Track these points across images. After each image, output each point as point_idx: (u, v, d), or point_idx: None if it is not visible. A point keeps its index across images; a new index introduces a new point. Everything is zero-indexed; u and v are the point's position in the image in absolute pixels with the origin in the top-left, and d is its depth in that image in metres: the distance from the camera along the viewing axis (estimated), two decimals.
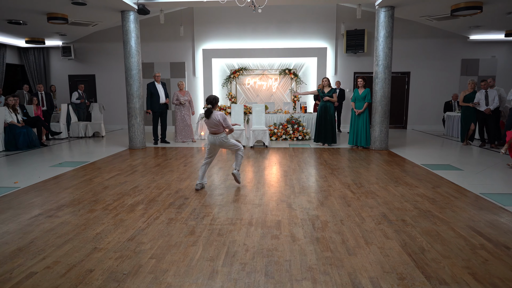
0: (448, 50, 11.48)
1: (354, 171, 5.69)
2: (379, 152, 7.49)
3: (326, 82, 8.13)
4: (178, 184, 4.92)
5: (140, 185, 4.88)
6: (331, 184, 4.86)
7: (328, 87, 8.13)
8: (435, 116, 11.71)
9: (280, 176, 5.32)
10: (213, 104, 4.50)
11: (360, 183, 4.91)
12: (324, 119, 8.12)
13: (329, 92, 8.07)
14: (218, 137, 4.53)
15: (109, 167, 6.06)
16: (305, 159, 6.70)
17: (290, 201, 4.13)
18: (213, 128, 4.51)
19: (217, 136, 4.53)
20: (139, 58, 7.84)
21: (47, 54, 12.25)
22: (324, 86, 8.16)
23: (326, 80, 8.13)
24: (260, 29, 11.55)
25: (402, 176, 5.29)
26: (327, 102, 8.09)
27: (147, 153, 7.44)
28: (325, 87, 8.17)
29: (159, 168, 5.96)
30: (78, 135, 10.02)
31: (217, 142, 4.55)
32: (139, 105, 7.96)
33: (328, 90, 8.09)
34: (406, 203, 4.04)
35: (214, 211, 3.79)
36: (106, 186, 4.83)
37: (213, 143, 4.58)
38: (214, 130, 4.52)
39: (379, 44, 7.42)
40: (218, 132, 4.52)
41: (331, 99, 8.05)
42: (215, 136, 4.53)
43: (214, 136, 4.53)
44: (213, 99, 4.50)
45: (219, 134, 4.52)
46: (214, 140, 4.55)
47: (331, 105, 8.14)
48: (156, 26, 11.66)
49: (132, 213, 3.74)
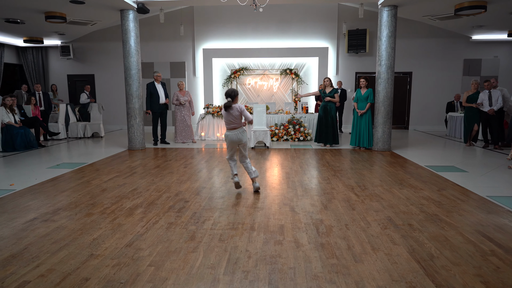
0: (450, 50, 11.38)
1: (357, 173, 5.59)
2: (382, 153, 7.39)
3: (328, 82, 8.03)
4: (178, 186, 4.81)
5: (139, 187, 4.77)
6: (334, 187, 4.75)
7: (330, 87, 8.03)
8: (437, 117, 11.61)
9: (282, 178, 5.22)
10: (232, 98, 4.27)
11: (364, 186, 4.81)
12: (325, 119, 8.01)
13: (331, 92, 7.97)
14: (238, 131, 4.33)
15: (107, 168, 5.96)
16: (307, 160, 6.59)
17: (293, 204, 4.02)
18: (232, 123, 4.32)
19: (237, 131, 4.33)
20: (138, 57, 7.73)
21: (45, 54, 12.14)
22: (326, 86, 8.06)
23: (328, 80, 8.03)
24: (261, 28, 11.45)
25: (406, 178, 5.19)
26: (328, 102, 7.99)
27: (146, 154, 7.34)
28: (326, 87, 8.06)
29: (158, 169, 5.86)
30: (76, 136, 9.91)
31: (236, 138, 4.33)
32: (139, 105, 7.86)
33: (329, 91, 7.99)
34: (411, 206, 3.94)
35: (215, 215, 3.69)
36: (104, 188, 4.72)
37: (232, 141, 4.36)
38: (233, 125, 4.33)
39: (382, 43, 7.32)
40: (238, 126, 4.34)
41: (333, 100, 7.95)
42: (235, 131, 4.33)
43: (234, 132, 4.33)
44: (232, 92, 4.27)
45: (239, 129, 4.35)
46: (233, 136, 4.33)
47: (333, 105, 8.04)
48: (156, 25, 11.55)
49: (130, 217, 3.64)
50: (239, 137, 4.36)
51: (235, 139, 4.36)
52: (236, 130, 4.35)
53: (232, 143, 4.40)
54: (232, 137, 4.36)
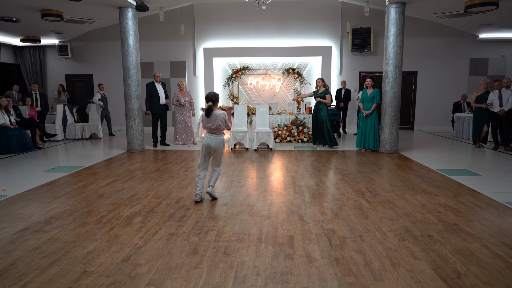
0: (457, 49, 11.14)
1: (366, 176, 5.34)
2: (389, 155, 7.14)
3: (320, 83, 7.90)
4: (178, 192, 4.57)
5: (137, 193, 4.53)
6: (343, 192, 4.51)
7: (322, 88, 7.88)
8: (443, 117, 11.36)
9: (288, 183, 4.97)
10: (213, 102, 4.04)
11: (374, 191, 4.56)
12: (316, 120, 7.92)
13: (322, 93, 7.81)
14: (217, 137, 4.06)
15: (105, 172, 5.71)
16: (313, 163, 6.35)
17: (301, 212, 3.78)
18: (213, 128, 4.05)
19: (216, 137, 4.05)
20: (137, 56, 7.49)
21: (43, 53, 11.89)
22: (319, 87, 7.89)
23: (320, 81, 7.91)
24: (263, 27, 11.20)
25: (418, 183, 4.94)
26: (319, 103, 7.84)
27: (146, 157, 7.09)
28: (320, 88, 7.91)
29: (158, 173, 5.61)
30: (74, 137, 9.67)
31: (214, 143, 4.03)
32: (138, 106, 7.61)
33: (321, 91, 7.85)
34: (428, 214, 3.69)
35: (219, 224, 3.44)
36: (101, 194, 4.48)
37: (208, 144, 4.05)
38: (214, 130, 4.06)
39: (389, 42, 7.07)
40: (219, 133, 4.09)
41: (323, 100, 7.80)
42: (214, 136, 4.06)
43: (213, 137, 4.05)
44: (213, 96, 4.03)
45: (219, 135, 4.09)
46: (211, 140, 4.04)
47: (324, 106, 7.88)
48: (155, 24, 11.31)
49: (128, 226, 3.39)
50: (218, 143, 4.06)
51: (212, 144, 4.04)
52: (216, 136, 4.07)
53: (208, 148, 4.08)
54: (210, 141, 4.04)
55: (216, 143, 4.05)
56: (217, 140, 4.06)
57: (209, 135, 4.07)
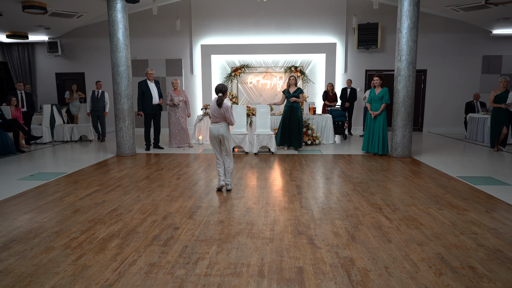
0: (468, 46, 10.53)
1: (380, 186, 4.74)
2: (402, 160, 6.54)
3: (293, 81, 7.42)
4: (167, 205, 3.97)
5: (120, 207, 3.93)
6: (357, 206, 3.91)
7: (295, 87, 7.44)
8: (454, 118, 10.77)
9: (293, 194, 4.37)
10: (223, 93, 4.27)
11: (393, 204, 3.96)
12: (289, 120, 7.40)
13: (295, 92, 7.35)
14: (222, 124, 4.30)
15: (87, 180, 5.11)
16: (319, 170, 5.75)
17: (310, 232, 3.18)
18: (218, 117, 4.30)
19: (221, 125, 4.30)
20: (127, 52, 6.89)
21: (32, 50, 11.30)
22: (290, 86, 7.45)
23: (293, 79, 7.42)
24: (264, 22, 10.60)
25: (441, 194, 4.34)
26: (293, 103, 7.36)
27: (136, 162, 6.49)
28: (291, 86, 7.45)
29: (147, 182, 5.01)
30: (63, 139, 9.07)
31: (220, 131, 4.29)
32: (128, 106, 7.01)
33: (294, 90, 7.37)
34: (462, 236, 3.09)
35: (212, 250, 2.84)
36: (77, 208, 3.88)
37: (214, 134, 4.32)
38: (218, 119, 4.31)
39: (402, 36, 6.47)
40: (221, 120, 4.32)
41: (298, 100, 7.32)
42: (219, 125, 4.30)
43: (218, 125, 4.30)
44: (222, 87, 4.27)
45: (222, 123, 4.32)
46: (217, 129, 4.29)
47: (299, 105, 7.41)
48: (150, 19, 10.71)
49: (101, 253, 2.79)
50: (222, 131, 4.30)
51: (216, 133, 4.31)
52: (219, 125, 4.31)
53: (213, 137, 4.36)
54: (214, 131, 4.31)
55: (223, 129, 4.29)
56: (223, 126, 4.29)
57: (214, 125, 4.31)
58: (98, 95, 8.80)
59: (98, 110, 8.81)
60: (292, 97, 7.33)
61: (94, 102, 8.77)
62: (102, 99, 8.83)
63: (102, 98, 8.83)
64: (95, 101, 8.77)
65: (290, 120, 7.39)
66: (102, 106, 8.83)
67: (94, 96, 8.78)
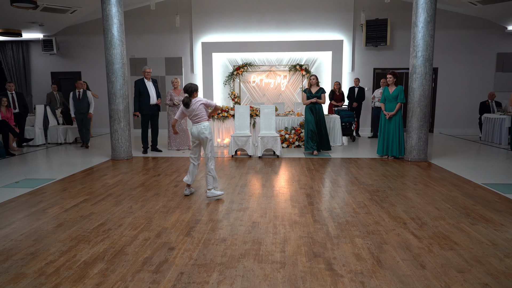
0: (482, 43, 10.04)
1: (399, 195, 4.28)
2: (418, 164, 6.07)
3: (314, 80, 6.89)
4: (162, 219, 3.51)
5: (109, 220, 3.47)
6: (378, 220, 3.44)
7: (316, 86, 6.91)
8: (466, 118, 10.28)
9: (304, 205, 3.91)
10: (189, 93, 4.03)
11: (418, 218, 3.49)
12: (316, 122, 6.89)
13: (318, 92, 6.84)
14: (200, 125, 4.04)
15: (77, 188, 4.66)
16: (329, 175, 5.28)
17: (328, 254, 2.72)
18: (195, 116, 4.06)
19: (199, 125, 4.05)
20: (123, 49, 6.44)
21: (26, 49, 10.87)
22: (312, 85, 6.92)
23: (314, 79, 6.89)
24: (267, 19, 10.15)
25: (470, 205, 3.87)
26: (316, 103, 6.86)
27: (132, 166, 6.04)
28: (312, 86, 6.92)
29: (142, 190, 4.56)
30: (57, 141, 8.63)
31: (197, 131, 4.05)
32: (124, 106, 6.56)
33: (316, 90, 6.86)
34: (508, 260, 2.62)
35: (212, 278, 2.39)
36: (60, 222, 3.43)
37: (195, 136, 4.11)
38: (195, 119, 4.07)
39: (418, 31, 6.00)
40: (201, 120, 4.07)
41: (319, 101, 6.83)
42: (198, 125, 4.06)
43: (197, 126, 4.07)
44: (189, 87, 4.03)
45: (202, 122, 4.06)
46: (195, 129, 4.07)
47: (321, 107, 6.94)
48: (148, 16, 10.28)
49: (80, 282, 2.34)
50: (201, 131, 4.04)
51: (196, 133, 4.08)
52: (199, 125, 4.07)
53: (193, 137, 4.16)
54: (195, 132, 4.09)
55: (199, 130, 4.05)
56: (200, 127, 4.04)
57: (194, 125, 4.09)
58: (80, 96, 7.83)
59: (82, 113, 7.85)
60: (314, 97, 6.81)
61: (76, 104, 7.82)
62: (85, 100, 7.88)
63: (85, 98, 7.88)
64: (77, 103, 7.82)
65: (317, 122, 6.88)
66: (86, 108, 7.93)
67: (76, 98, 7.81)
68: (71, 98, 7.82)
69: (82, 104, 7.84)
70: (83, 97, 7.85)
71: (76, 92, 7.84)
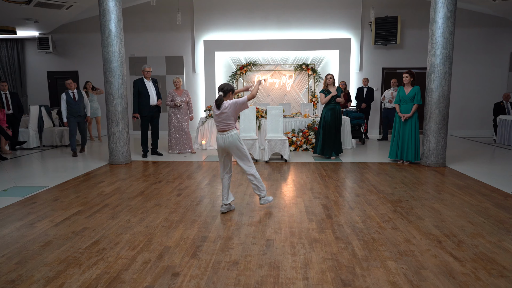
0: (494, 41, 9.66)
1: (425, 206, 3.88)
2: (436, 169, 5.68)
3: (332, 80, 6.46)
4: (164, 235, 3.11)
5: (104, 237, 3.08)
6: (408, 237, 3.05)
7: (333, 86, 6.50)
8: (478, 120, 9.90)
9: (322, 218, 3.52)
10: (225, 92, 3.52)
11: (453, 235, 3.10)
12: (334, 124, 6.42)
13: (337, 92, 6.44)
14: (228, 134, 3.52)
15: (70, 197, 4.27)
16: (344, 182, 4.89)
17: (359, 283, 2.32)
18: (220, 123, 3.55)
19: (226, 135, 3.53)
20: (121, 46, 6.04)
21: (21, 47, 10.48)
22: (329, 85, 6.49)
23: (332, 78, 6.46)
24: (272, 17, 9.76)
25: (507, 219, 3.48)
26: (336, 104, 6.43)
27: (131, 172, 5.65)
28: (329, 85, 6.49)
29: (141, 199, 4.16)
30: (52, 144, 8.23)
31: (226, 142, 3.54)
32: (122, 107, 6.16)
33: (334, 90, 6.44)
34: None
35: None
36: (49, 240, 3.03)
37: (221, 146, 3.60)
38: (222, 126, 3.55)
39: (437, 27, 5.61)
40: (228, 128, 3.54)
41: (339, 99, 6.42)
42: (225, 134, 3.54)
43: (223, 135, 3.55)
44: (225, 86, 3.53)
45: (229, 131, 3.54)
46: (222, 140, 3.56)
47: (340, 108, 6.52)
48: (148, 13, 9.89)
49: None
50: (229, 142, 3.53)
51: (222, 143, 3.57)
52: (225, 134, 3.55)
53: (221, 150, 3.64)
54: (221, 142, 3.58)
55: (229, 141, 3.53)
56: (228, 137, 3.53)
57: (220, 134, 3.59)
58: (75, 97, 7.01)
59: (79, 116, 7.07)
60: (338, 97, 6.37)
61: (72, 106, 6.95)
62: (81, 101, 7.09)
63: (81, 99, 7.09)
64: (73, 105, 6.96)
65: (335, 125, 6.41)
66: (83, 110, 7.15)
67: (71, 99, 6.95)
68: (64, 100, 6.95)
69: (79, 106, 7.06)
70: (80, 98, 7.13)
71: (69, 93, 7.01)
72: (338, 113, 6.45)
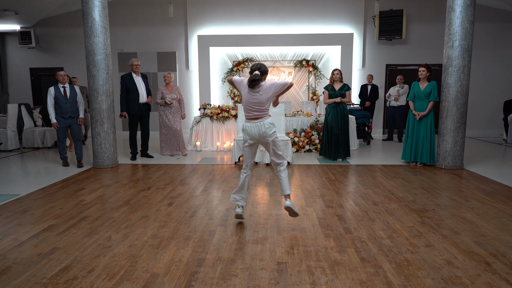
0: (505, 37, 9.24)
1: (455, 216, 3.36)
2: (454, 172, 5.18)
3: (338, 75, 5.88)
4: (152, 258, 2.54)
5: (76, 261, 2.49)
6: (448, 258, 2.51)
7: (340, 83, 5.92)
8: (488, 119, 9.47)
9: (339, 232, 2.97)
10: (261, 73, 2.96)
11: (500, 253, 2.58)
12: (339, 124, 5.88)
13: (342, 89, 5.88)
14: (262, 123, 2.96)
15: (42, 208, 3.66)
16: (356, 188, 4.36)
17: None
18: (254, 110, 2.98)
19: (260, 122, 2.97)
20: (106, 37, 5.44)
21: (1, 42, 9.80)
22: (335, 81, 5.92)
23: (339, 73, 5.89)
24: (270, 10, 9.22)
25: None
26: (340, 103, 5.87)
27: (117, 176, 5.05)
28: (335, 82, 5.93)
29: (126, 210, 3.58)
30: (33, 145, 7.58)
31: (258, 132, 2.96)
32: (107, 105, 5.56)
33: (340, 87, 5.88)
34: None
35: None
36: (7, 266, 2.44)
37: (253, 136, 3.00)
38: (256, 113, 2.98)
39: (455, 16, 5.11)
40: (262, 115, 3.00)
41: (344, 100, 5.87)
42: (257, 122, 2.97)
43: (257, 123, 2.97)
44: (262, 66, 2.99)
45: (263, 119, 2.99)
46: (257, 130, 2.97)
47: (345, 106, 5.96)
48: (138, 6, 9.29)
49: None
50: (263, 130, 2.97)
51: (256, 134, 2.98)
52: (258, 121, 2.98)
53: (252, 140, 3.02)
54: (253, 131, 2.98)
55: (266, 131, 2.97)
56: (265, 125, 2.97)
57: (253, 123, 2.99)
58: (66, 93, 5.54)
59: (71, 118, 5.58)
60: (338, 96, 5.83)
61: (62, 104, 5.48)
62: (74, 99, 5.61)
63: (73, 96, 5.60)
64: (63, 103, 5.49)
65: (340, 124, 5.89)
66: (75, 111, 5.66)
67: (60, 95, 5.47)
68: (51, 95, 5.44)
69: (71, 104, 5.57)
70: (72, 95, 5.58)
71: (59, 88, 5.51)
72: (342, 113, 5.91)
